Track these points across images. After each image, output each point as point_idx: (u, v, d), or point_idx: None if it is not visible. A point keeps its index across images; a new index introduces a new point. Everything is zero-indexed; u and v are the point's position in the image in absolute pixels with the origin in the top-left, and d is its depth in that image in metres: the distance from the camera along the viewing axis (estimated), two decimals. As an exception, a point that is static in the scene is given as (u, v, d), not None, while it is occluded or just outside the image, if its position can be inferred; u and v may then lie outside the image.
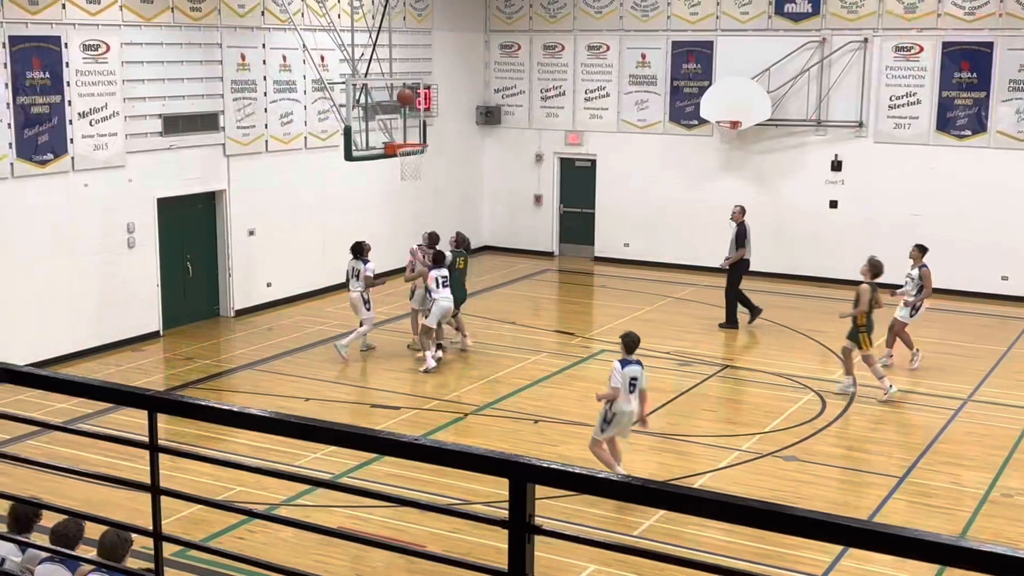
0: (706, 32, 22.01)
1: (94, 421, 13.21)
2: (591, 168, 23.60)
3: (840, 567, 9.79)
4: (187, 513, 10.53)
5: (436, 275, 15.68)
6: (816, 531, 2.71)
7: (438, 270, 15.71)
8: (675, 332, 17.92)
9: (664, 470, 12.13)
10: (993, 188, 19.98)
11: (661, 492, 2.85)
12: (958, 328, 18.11)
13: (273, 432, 3.37)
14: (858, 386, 14.92)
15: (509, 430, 13.26)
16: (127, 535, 6.85)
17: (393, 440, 3.30)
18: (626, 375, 11.18)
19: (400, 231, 21.81)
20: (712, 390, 14.96)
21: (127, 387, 3.61)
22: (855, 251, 21.06)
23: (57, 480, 10.86)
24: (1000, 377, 15.67)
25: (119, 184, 16.55)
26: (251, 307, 18.91)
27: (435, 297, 15.56)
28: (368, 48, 17.89)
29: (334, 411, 14.07)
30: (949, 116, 20.32)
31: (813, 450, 12.74)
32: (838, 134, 21.22)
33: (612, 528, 10.49)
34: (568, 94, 23.50)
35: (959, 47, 20.12)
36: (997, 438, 13.27)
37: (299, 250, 19.64)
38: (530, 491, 2.92)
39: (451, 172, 23.08)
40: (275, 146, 19.13)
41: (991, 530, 10.66)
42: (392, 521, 10.72)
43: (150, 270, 17.20)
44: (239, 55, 18.28)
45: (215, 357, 16.56)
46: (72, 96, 15.75)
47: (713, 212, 22.02)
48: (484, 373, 15.59)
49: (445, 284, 15.64)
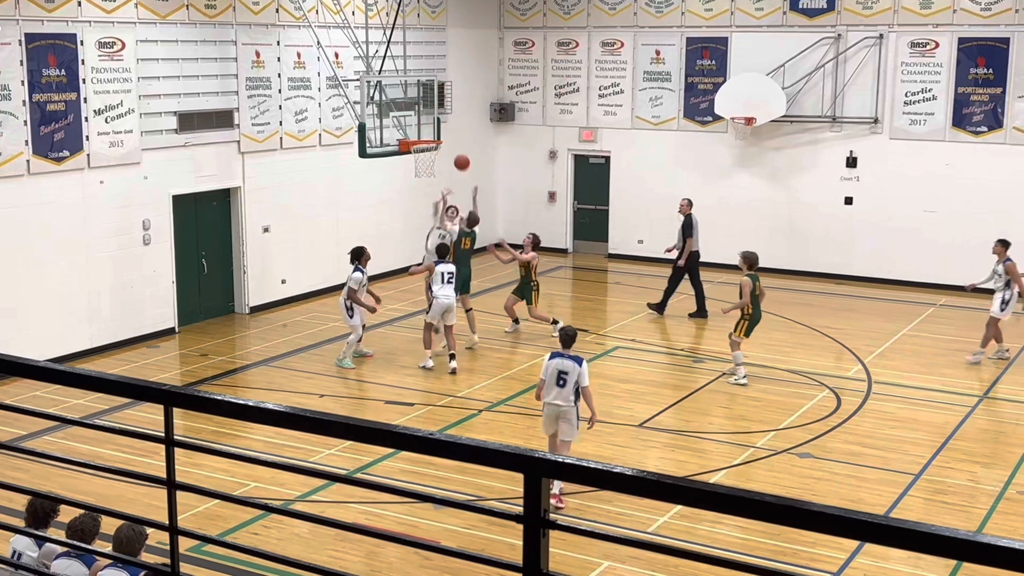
0: (721, 28, 21.96)
1: (110, 417, 13.27)
2: (605, 165, 23.58)
3: (855, 564, 9.76)
4: (202, 509, 10.57)
5: (442, 270, 15.58)
6: (832, 526, 2.70)
7: (443, 265, 15.64)
8: (689, 329, 17.90)
9: (679, 467, 12.11)
10: (1009, 184, 19.88)
11: (675, 487, 2.84)
12: (974, 325, 18.02)
13: (288, 426, 3.38)
14: (873, 383, 14.89)
15: (523, 427, 13.26)
16: (142, 529, 6.87)
17: (408, 434, 3.30)
18: (551, 367, 10.98)
19: (414, 228, 21.82)
20: (726, 387, 14.93)
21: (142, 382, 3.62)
22: (870, 248, 21.05)
23: (74, 476, 10.91)
24: (1016, 374, 15.60)
25: (135, 181, 16.61)
26: (266, 304, 18.96)
27: (435, 294, 15.51)
28: (382, 45, 17.91)
29: (348, 407, 14.10)
30: (965, 112, 20.23)
31: (828, 447, 12.71)
32: (853, 130, 21.14)
33: (626, 525, 10.48)
34: (582, 91, 23.48)
35: (975, 42, 20.02)
36: (1013, 435, 13.22)
37: (314, 247, 19.68)
38: (545, 486, 2.93)
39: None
40: (290, 143, 19.17)
41: (1007, 527, 10.61)
42: (406, 517, 10.74)
43: (165, 267, 17.26)
44: (254, 52, 18.31)
45: (230, 354, 16.61)
46: (88, 93, 15.81)
47: (728, 209, 22.00)
48: (497, 369, 15.60)
49: (449, 281, 15.54)
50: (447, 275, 15.52)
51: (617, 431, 13.08)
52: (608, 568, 9.64)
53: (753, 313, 14.97)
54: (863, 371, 15.63)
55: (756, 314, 15.03)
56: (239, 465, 11.58)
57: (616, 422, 13.29)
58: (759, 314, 15.08)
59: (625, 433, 13.06)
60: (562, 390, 10.90)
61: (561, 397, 10.92)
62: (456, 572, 9.55)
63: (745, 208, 22.00)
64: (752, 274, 15.08)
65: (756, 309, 15.02)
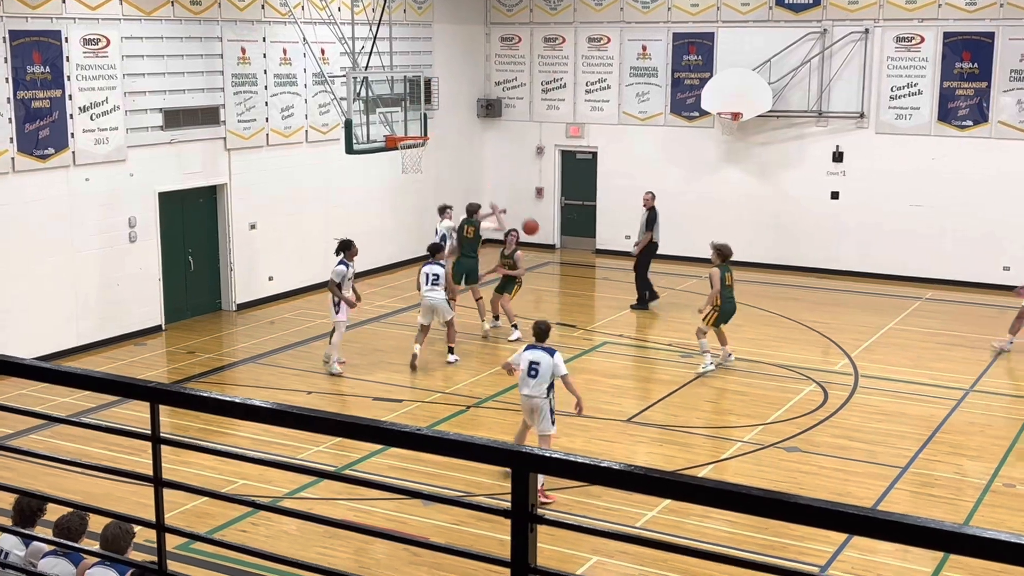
0: (707, 24, 21.98)
1: (97, 416, 13.23)
2: (592, 160, 23.58)
3: (843, 557, 9.80)
4: (191, 507, 10.55)
5: (426, 271, 15.44)
6: (819, 519, 2.71)
7: (429, 266, 15.47)
8: (677, 324, 17.93)
9: (667, 461, 12.13)
10: (994, 179, 19.96)
11: (663, 481, 2.84)
12: (960, 318, 18.11)
13: (274, 423, 3.37)
14: (860, 376, 14.95)
15: (512, 422, 13.25)
16: (129, 527, 6.86)
17: (396, 430, 3.30)
18: (524, 358, 11.18)
19: (401, 224, 21.82)
20: (714, 381, 14.97)
21: (128, 379, 3.61)
22: (857, 242, 21.11)
23: (61, 475, 10.87)
24: (1002, 367, 15.67)
25: (120, 178, 16.55)
26: (253, 301, 18.92)
27: (422, 294, 15.47)
28: (368, 41, 17.88)
29: (336, 404, 14.09)
30: (950, 107, 20.29)
31: (815, 441, 12.75)
32: (839, 125, 21.19)
33: (615, 520, 10.50)
34: (569, 86, 23.48)
35: (960, 37, 20.08)
36: (999, 428, 13.28)
37: (300, 244, 19.65)
38: (532, 480, 2.92)
39: (452, 165, 23.06)
40: (276, 140, 19.12)
41: (994, 520, 10.66)
42: (395, 514, 10.74)
43: (152, 264, 17.20)
44: (239, 49, 18.26)
45: (217, 351, 16.57)
46: (73, 90, 15.74)
47: (714, 204, 22.04)
48: (485, 365, 15.59)
49: (435, 282, 15.37)
50: (431, 276, 15.40)
51: (605, 426, 13.09)
52: (597, 563, 9.65)
53: (723, 305, 14.97)
54: (850, 365, 15.68)
55: (727, 307, 15.04)
56: (227, 463, 11.57)
57: (604, 417, 13.30)
58: (731, 306, 15.10)
59: (613, 428, 13.08)
60: (534, 381, 11.05)
61: (534, 389, 11.07)
62: (445, 568, 9.55)
63: (732, 203, 22.04)
64: (723, 265, 15.09)
65: (727, 301, 15.02)
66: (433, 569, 9.56)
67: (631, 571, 9.49)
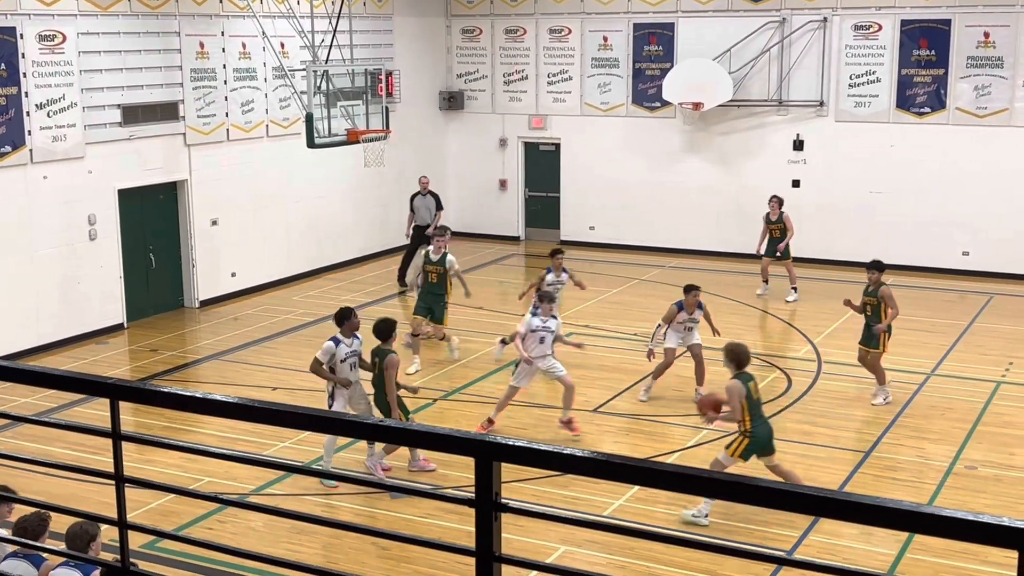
0: (667, 14, 22.03)
1: (57, 415, 13.09)
2: (555, 152, 23.60)
3: (808, 541, 9.88)
4: (156, 505, 10.47)
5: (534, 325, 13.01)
6: (782, 501, 2.73)
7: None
8: (641, 314, 17.97)
9: (634, 450, 12.18)
10: (953, 165, 20.17)
11: (626, 467, 2.86)
12: (920, 303, 18.28)
13: (237, 417, 3.35)
14: (823, 362, 15.05)
15: (478, 415, 13.26)
16: (91, 525, 6.79)
17: (359, 423, 3.29)
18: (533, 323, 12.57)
19: (364, 218, 21.74)
20: (678, 370, 15.01)
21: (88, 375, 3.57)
22: (819, 229, 21.26)
23: (25, 475, 10.73)
24: (962, 351, 15.85)
25: (79, 176, 16.37)
26: (216, 297, 18.78)
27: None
28: (328, 34, 17.78)
29: (301, 400, 14.00)
30: (908, 94, 20.47)
31: (779, 427, 12.78)
32: (799, 114, 21.33)
33: (582, 509, 10.53)
34: (531, 78, 23.47)
35: (917, 24, 20.26)
36: (960, 411, 13.43)
37: (263, 239, 19.53)
38: (496, 469, 2.92)
39: (415, 158, 22.98)
40: (236, 135, 18.98)
41: (956, 501, 10.79)
42: (363, 508, 10.72)
43: (112, 262, 17.04)
44: (198, 43, 18.10)
45: (180, 348, 16.45)
46: (29, 87, 15.55)
47: (677, 193, 22.12)
48: (452, 359, 15.55)
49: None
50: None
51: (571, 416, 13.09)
52: (566, 552, 9.68)
53: (754, 428, 10.26)
54: (813, 351, 15.80)
55: (761, 430, 10.32)
56: (192, 460, 11.49)
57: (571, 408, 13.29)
58: (766, 430, 10.41)
59: (580, 418, 13.09)
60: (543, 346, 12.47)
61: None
62: (413, 560, 9.55)
63: (694, 192, 22.14)
64: (742, 374, 10.45)
65: (760, 423, 10.36)
66: (401, 562, 9.55)
67: (598, 559, 9.52)
